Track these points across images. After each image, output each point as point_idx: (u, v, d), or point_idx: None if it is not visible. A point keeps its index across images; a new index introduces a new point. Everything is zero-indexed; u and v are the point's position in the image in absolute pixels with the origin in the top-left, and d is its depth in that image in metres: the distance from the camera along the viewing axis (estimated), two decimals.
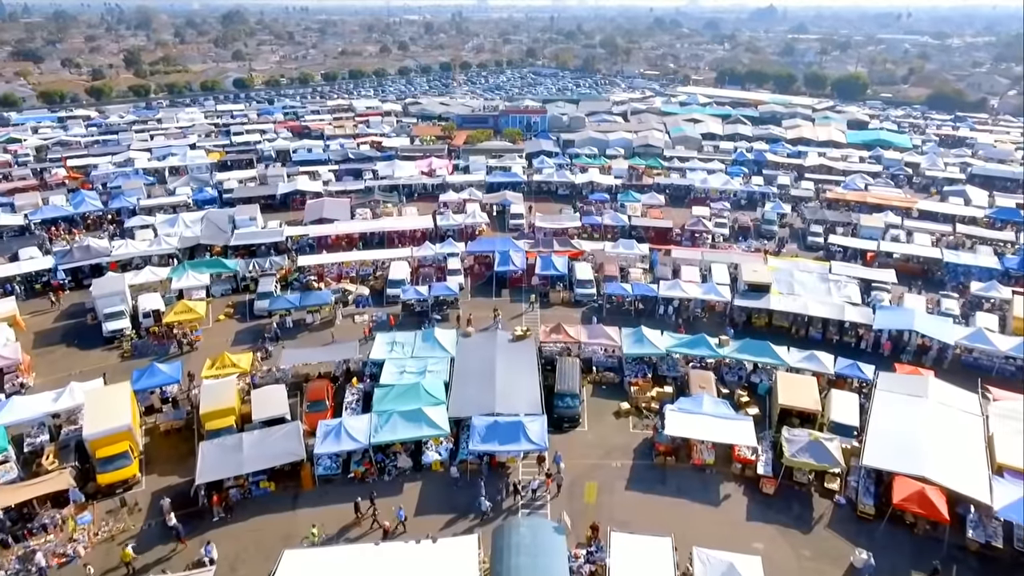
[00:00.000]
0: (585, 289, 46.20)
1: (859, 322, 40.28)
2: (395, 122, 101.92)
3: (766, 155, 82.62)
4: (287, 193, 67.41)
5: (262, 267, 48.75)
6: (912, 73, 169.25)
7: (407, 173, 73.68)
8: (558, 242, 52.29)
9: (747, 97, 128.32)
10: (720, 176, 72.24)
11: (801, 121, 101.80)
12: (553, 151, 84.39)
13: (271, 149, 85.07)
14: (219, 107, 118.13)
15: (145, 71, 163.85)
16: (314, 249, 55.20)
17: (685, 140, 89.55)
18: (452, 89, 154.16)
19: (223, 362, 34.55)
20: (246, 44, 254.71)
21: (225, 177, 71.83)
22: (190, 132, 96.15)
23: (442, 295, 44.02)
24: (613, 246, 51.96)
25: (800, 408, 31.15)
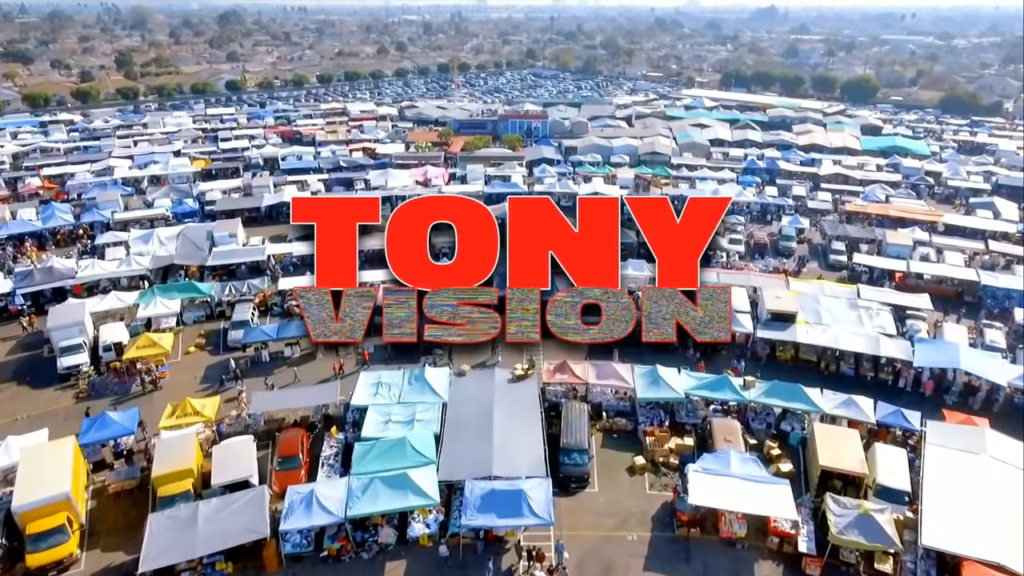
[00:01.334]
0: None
1: (898, 358, 36.26)
2: (390, 127, 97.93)
3: (778, 163, 78.62)
4: (273, 205, 63.43)
5: (239, 291, 44.70)
6: (921, 75, 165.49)
7: (401, 182, 69.71)
8: None
9: (755, 100, 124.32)
10: (732, 187, 68.21)
11: (812, 126, 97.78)
12: (555, 159, 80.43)
13: (259, 156, 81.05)
14: (208, 111, 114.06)
15: (135, 73, 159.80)
16: (299, 268, 51.27)
17: (693, 147, 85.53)
18: (450, 92, 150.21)
19: (185, 409, 30.51)
20: (242, 45, 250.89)
21: (208, 187, 67.77)
22: (176, 138, 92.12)
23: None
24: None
25: (845, 471, 27.09)
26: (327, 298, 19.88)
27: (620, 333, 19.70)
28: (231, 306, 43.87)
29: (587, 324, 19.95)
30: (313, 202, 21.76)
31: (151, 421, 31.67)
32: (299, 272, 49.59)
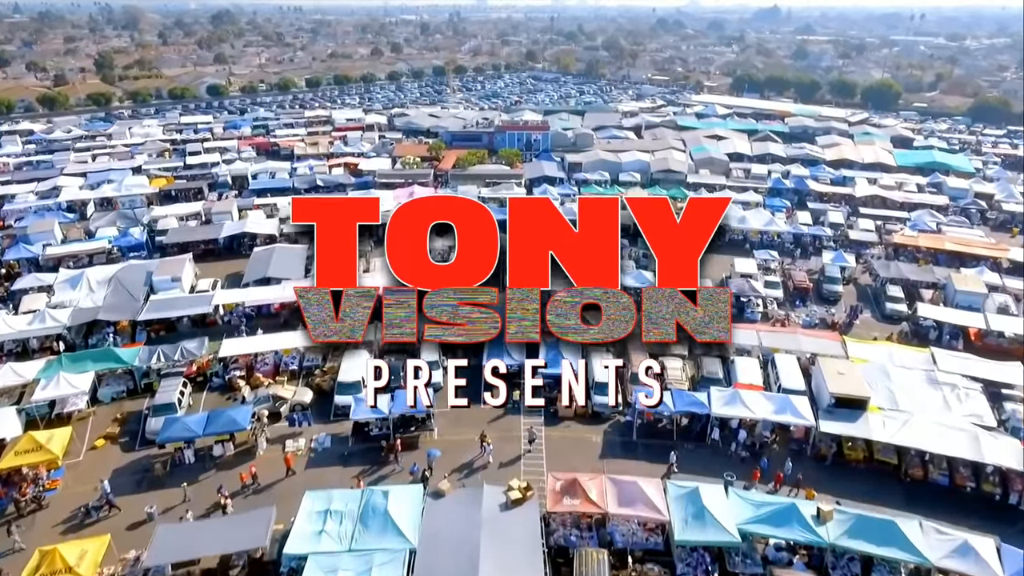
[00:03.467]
0: (602, 397, 33.83)
1: (1011, 468, 27.88)
2: (376, 139, 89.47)
3: (807, 182, 70.24)
4: (234, 236, 55.03)
5: (170, 358, 36.29)
6: (940, 79, 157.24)
7: (383, 206, 61.16)
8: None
9: (771, 107, 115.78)
10: (760, 213, 59.84)
11: (839, 138, 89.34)
12: (557, 176, 72.03)
13: (227, 174, 72.60)
14: (183, 119, 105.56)
15: (113, 76, 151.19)
16: (251, 322, 42.93)
17: (710, 162, 77.11)
18: (445, 97, 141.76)
19: (53, 565, 22.10)
20: (233, 46, 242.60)
21: (162, 213, 59.33)
22: (140, 151, 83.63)
23: (408, 413, 31.58)
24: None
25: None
26: (327, 298, 19.31)
27: (620, 333, 19.05)
28: (160, 377, 35.55)
29: (587, 324, 19.12)
30: (313, 202, 21.30)
31: (14, 570, 23.26)
32: (250, 328, 41.36)
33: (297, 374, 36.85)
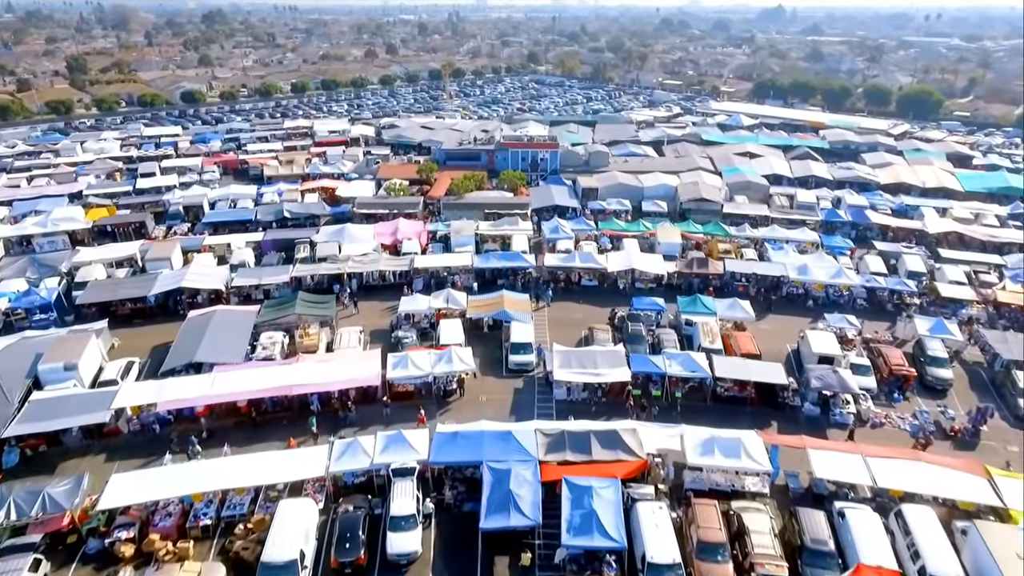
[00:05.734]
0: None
1: None
2: (361, 155, 78.28)
3: (867, 213, 59.09)
4: (169, 293, 43.80)
5: (24, 511, 25.08)
6: (973, 83, 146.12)
7: (360, 246, 50.26)
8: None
9: (801, 117, 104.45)
10: (821, 259, 48.68)
11: (888, 156, 78.15)
12: (569, 206, 60.92)
13: (180, 203, 61.37)
14: (147, 131, 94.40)
15: (83, 81, 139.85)
16: (164, 430, 31.80)
17: (747, 187, 65.92)
18: (441, 104, 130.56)
19: None
20: (223, 46, 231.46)
21: (86, 259, 48.12)
22: (86, 171, 72.51)
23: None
24: (698, 436, 28.49)
25: None
26: None
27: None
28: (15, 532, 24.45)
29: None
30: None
31: None
32: (158, 440, 30.19)
33: (212, 530, 25.70)
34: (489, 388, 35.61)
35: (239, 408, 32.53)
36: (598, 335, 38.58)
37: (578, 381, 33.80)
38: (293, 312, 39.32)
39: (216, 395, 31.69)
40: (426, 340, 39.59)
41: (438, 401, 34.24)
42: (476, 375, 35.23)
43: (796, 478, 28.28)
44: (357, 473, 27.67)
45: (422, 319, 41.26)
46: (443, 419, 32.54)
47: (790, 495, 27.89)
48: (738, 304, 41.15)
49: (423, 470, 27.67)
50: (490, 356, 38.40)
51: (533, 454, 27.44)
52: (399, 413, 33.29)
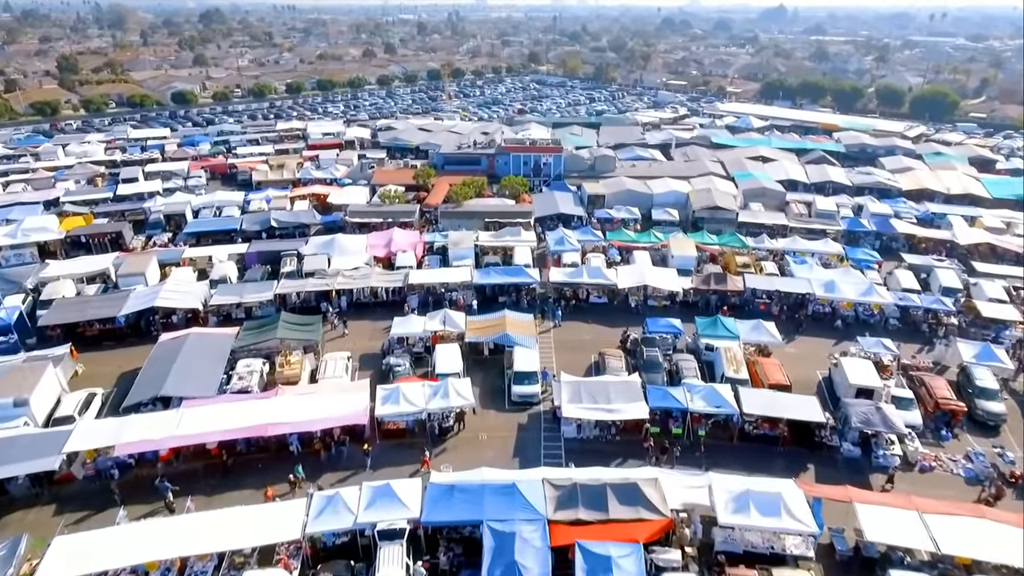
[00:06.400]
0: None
1: None
2: (355, 159, 74.65)
3: (892, 223, 55.47)
4: (141, 313, 40.18)
5: None
6: (985, 84, 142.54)
7: (351, 259, 46.74)
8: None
9: (813, 119, 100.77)
10: (849, 274, 45.10)
11: (907, 160, 74.58)
12: (575, 214, 57.33)
13: (161, 211, 57.78)
14: (133, 133, 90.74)
15: (72, 81, 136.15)
16: (125, 475, 28.20)
17: (762, 194, 62.38)
18: (440, 104, 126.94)
19: None
20: (219, 46, 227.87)
21: (53, 275, 44.51)
22: (66, 176, 68.94)
23: None
24: (729, 487, 24.89)
25: None
26: None
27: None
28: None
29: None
30: None
31: None
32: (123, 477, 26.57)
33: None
34: (490, 424, 32.00)
35: (209, 450, 28.89)
36: (610, 362, 34.96)
37: (590, 418, 30.18)
38: (274, 336, 35.69)
39: (182, 436, 28.08)
40: (420, 366, 36.06)
41: (433, 439, 30.63)
42: (476, 411, 31.57)
43: (842, 538, 24.69)
44: (338, 533, 24.06)
45: (416, 342, 37.66)
46: (439, 459, 28.99)
47: (837, 558, 24.30)
48: (763, 327, 37.54)
49: (415, 527, 24.08)
50: (491, 385, 34.80)
51: (541, 511, 23.85)
52: (390, 454, 29.73)
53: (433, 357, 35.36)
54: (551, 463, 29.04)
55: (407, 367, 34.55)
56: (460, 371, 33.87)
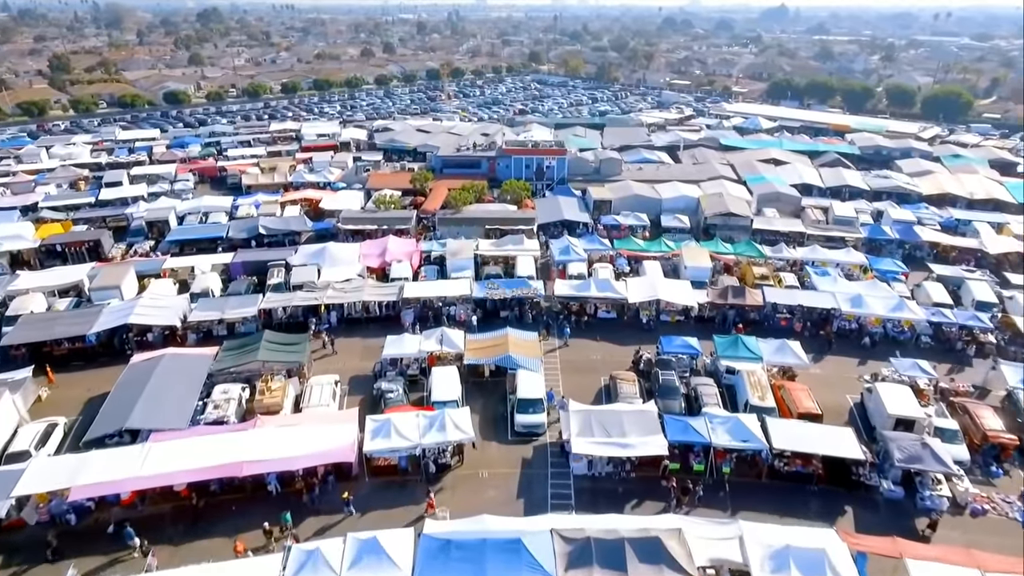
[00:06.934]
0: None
1: None
2: (350, 162, 71.61)
3: (916, 230, 52.43)
4: (114, 330, 37.15)
5: None
6: (996, 84, 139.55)
7: (343, 269, 43.76)
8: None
9: (824, 120, 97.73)
10: (875, 287, 42.09)
11: (926, 162, 71.57)
12: (580, 221, 54.32)
13: (143, 218, 54.76)
14: (121, 134, 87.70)
15: (62, 81, 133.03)
16: (82, 522, 25.17)
17: (776, 199, 59.36)
18: (439, 105, 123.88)
19: None
20: (216, 45, 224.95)
21: (20, 288, 41.49)
22: (47, 180, 65.95)
23: None
24: (763, 540, 21.90)
25: None
26: None
27: None
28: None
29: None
30: None
31: None
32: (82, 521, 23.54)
33: None
34: (491, 458, 28.98)
35: (177, 491, 25.88)
36: (623, 387, 31.93)
37: (602, 455, 27.16)
38: (256, 359, 32.64)
39: (147, 477, 25.06)
40: (415, 390, 33.07)
41: (428, 476, 27.61)
42: (475, 445, 28.52)
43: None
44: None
45: (411, 363, 34.63)
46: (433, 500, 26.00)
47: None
48: (788, 347, 34.52)
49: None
50: (492, 413, 31.79)
51: (550, 572, 20.81)
52: (380, 495, 26.76)
53: (429, 381, 32.34)
54: (559, 504, 26.14)
55: (400, 393, 31.50)
56: (458, 398, 30.87)
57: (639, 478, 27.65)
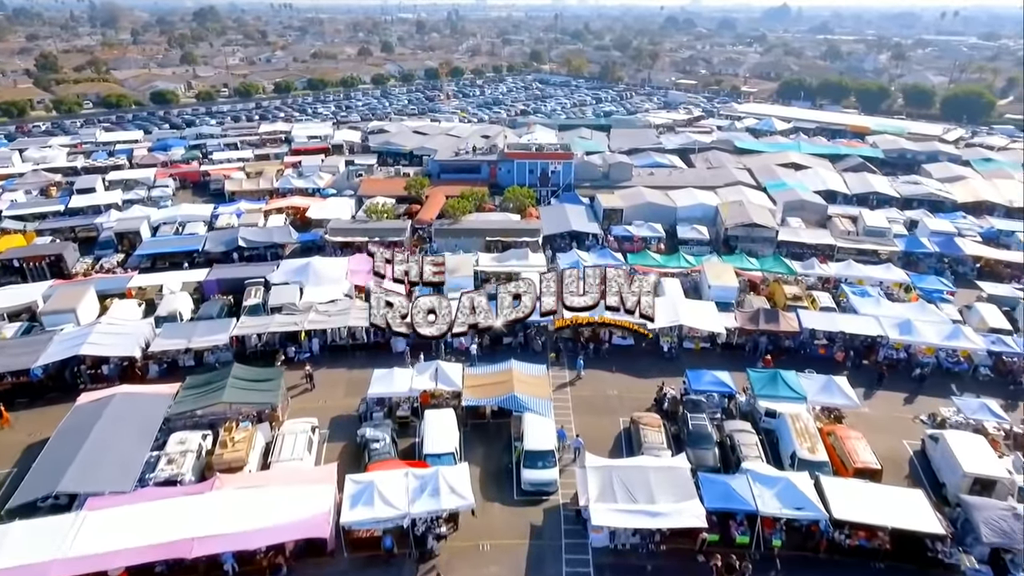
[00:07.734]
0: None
1: None
2: (341, 166, 67.00)
3: (958, 242, 47.87)
4: (65, 362, 32.60)
5: None
6: (1012, 84, 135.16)
7: (329, 288, 39.25)
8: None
9: (843, 122, 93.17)
10: (924, 310, 37.55)
11: (956, 167, 67.00)
12: (589, 232, 49.78)
13: (112, 229, 50.21)
14: (102, 136, 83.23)
15: (48, 81, 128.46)
16: None
17: (800, 207, 54.79)
18: (437, 105, 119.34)
19: None
20: (211, 44, 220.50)
21: None
22: (15, 186, 61.42)
23: None
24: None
25: None
26: None
27: None
28: None
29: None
30: None
31: None
32: None
33: None
34: (494, 524, 24.45)
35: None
36: (647, 434, 27.39)
37: (627, 526, 22.66)
38: (220, 400, 28.10)
39: (75, 559, 20.52)
40: (405, 435, 28.60)
41: (420, 551, 23.07)
42: (475, 512, 23.94)
43: None
44: None
45: (402, 402, 30.12)
46: None
47: None
48: (835, 384, 29.95)
49: None
50: (495, 466, 27.29)
51: None
52: (360, 575, 22.26)
53: (421, 427, 27.84)
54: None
55: (387, 443, 26.93)
56: (455, 450, 26.36)
57: (671, 551, 23.15)
